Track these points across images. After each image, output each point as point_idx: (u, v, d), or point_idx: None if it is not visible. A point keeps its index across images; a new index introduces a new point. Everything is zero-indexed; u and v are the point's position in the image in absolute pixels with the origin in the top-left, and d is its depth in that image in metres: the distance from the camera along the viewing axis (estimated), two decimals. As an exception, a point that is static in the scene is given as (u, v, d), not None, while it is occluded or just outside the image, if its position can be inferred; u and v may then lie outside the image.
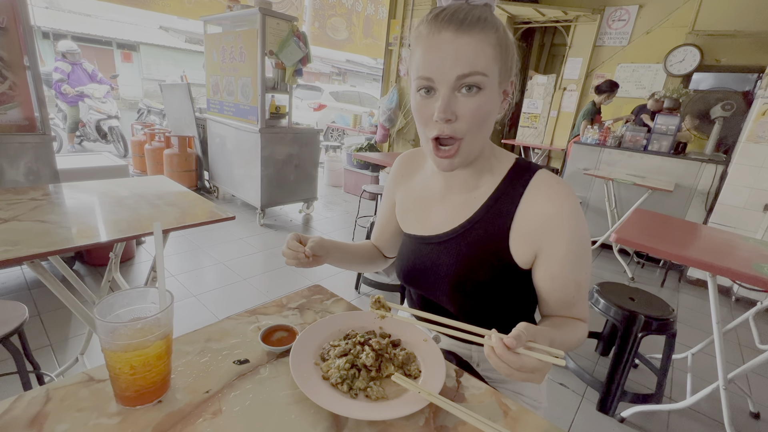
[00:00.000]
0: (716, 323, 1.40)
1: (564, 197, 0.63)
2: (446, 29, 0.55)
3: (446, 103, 0.57)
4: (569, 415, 1.61)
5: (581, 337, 0.65)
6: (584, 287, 0.66)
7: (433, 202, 0.75)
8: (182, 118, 4.18)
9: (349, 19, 5.58)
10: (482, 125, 0.60)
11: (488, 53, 0.56)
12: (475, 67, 0.55)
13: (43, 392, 0.51)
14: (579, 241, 0.63)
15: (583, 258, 0.64)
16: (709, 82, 4.66)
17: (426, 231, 0.75)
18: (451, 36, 0.55)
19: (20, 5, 1.80)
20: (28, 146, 1.95)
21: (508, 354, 0.47)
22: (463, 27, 0.55)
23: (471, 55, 0.55)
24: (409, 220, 0.79)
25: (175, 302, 0.54)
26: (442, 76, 0.56)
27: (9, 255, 0.85)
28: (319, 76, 16.73)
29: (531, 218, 0.63)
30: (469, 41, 0.55)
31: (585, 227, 0.64)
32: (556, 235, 0.62)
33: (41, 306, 1.95)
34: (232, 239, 3.08)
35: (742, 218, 2.80)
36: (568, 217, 0.62)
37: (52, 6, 12.37)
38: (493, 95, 0.59)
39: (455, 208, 0.71)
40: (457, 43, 0.55)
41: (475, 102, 0.57)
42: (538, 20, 5.15)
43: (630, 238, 1.39)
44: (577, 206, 0.63)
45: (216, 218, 1.22)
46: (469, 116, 0.58)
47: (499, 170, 0.68)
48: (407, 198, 0.81)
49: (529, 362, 0.47)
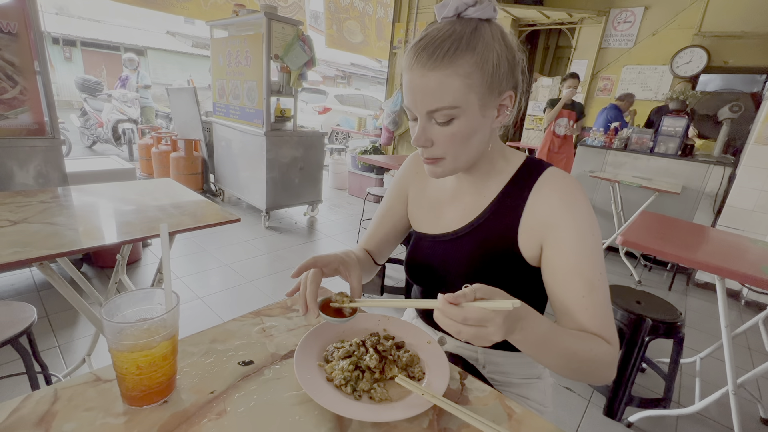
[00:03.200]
0: (725, 327, 1.38)
1: (571, 190, 0.62)
2: (417, 64, 0.56)
3: (420, 132, 0.60)
4: (575, 419, 1.60)
5: (600, 354, 0.55)
6: (599, 292, 0.59)
7: (445, 201, 0.76)
8: (188, 121, 4.22)
9: (362, 22, 5.62)
10: (463, 145, 0.61)
11: (456, 85, 0.55)
12: (442, 103, 0.56)
13: (51, 392, 0.51)
14: (584, 234, 0.60)
15: (590, 254, 0.60)
16: (716, 84, 4.62)
17: (438, 229, 0.75)
18: (419, 73, 0.56)
19: (31, 11, 1.84)
20: (37, 150, 1.98)
21: (450, 308, 0.45)
22: (430, 64, 0.55)
23: (436, 91, 0.56)
24: (421, 218, 0.80)
25: (180, 304, 0.54)
26: (416, 109, 0.59)
27: (18, 256, 0.87)
28: (324, 79, 16.83)
29: (538, 211, 0.63)
30: (434, 78, 0.55)
31: (593, 223, 0.62)
32: (559, 226, 0.61)
33: (49, 307, 1.97)
34: (238, 241, 3.10)
35: (750, 221, 2.76)
36: (574, 209, 0.61)
37: (62, 12, 12.58)
38: (472, 119, 0.58)
39: (465, 207, 0.72)
40: (423, 81, 0.56)
41: (449, 130, 0.59)
42: (543, 22, 5.14)
43: (637, 241, 1.38)
44: (586, 201, 0.62)
45: (221, 221, 1.23)
46: (445, 143, 0.60)
47: (507, 170, 0.69)
48: (420, 197, 0.81)
49: (473, 313, 0.44)
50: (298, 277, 0.61)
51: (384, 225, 0.85)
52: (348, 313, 0.60)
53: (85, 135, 6.33)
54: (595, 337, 0.57)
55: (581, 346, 0.54)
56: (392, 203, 0.85)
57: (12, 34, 1.82)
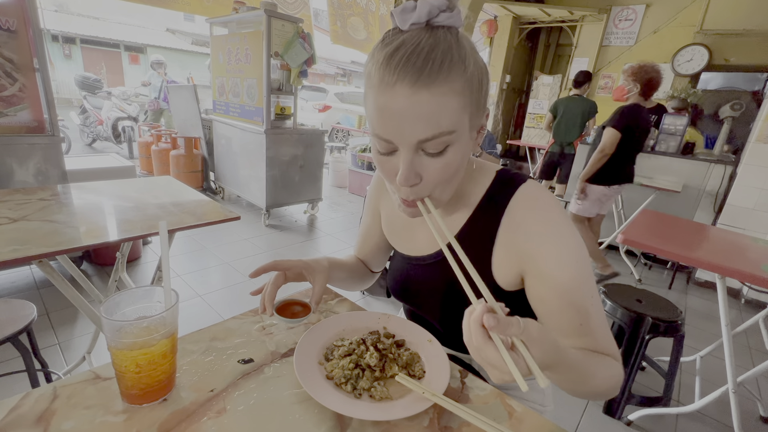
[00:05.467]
0: (725, 326, 1.38)
1: (547, 211, 0.56)
2: (401, 82, 0.44)
3: (407, 168, 0.49)
4: (575, 417, 1.60)
5: (613, 375, 0.53)
6: (593, 315, 0.55)
7: (415, 223, 0.71)
8: (188, 119, 4.22)
9: (365, 18, 5.59)
10: (452, 178, 0.53)
11: (454, 105, 0.46)
12: (440, 128, 0.46)
13: (51, 390, 0.51)
14: (570, 260, 0.54)
15: (580, 279, 0.54)
16: (717, 82, 4.61)
17: (412, 251, 0.72)
18: (407, 92, 0.44)
19: (30, 9, 1.83)
20: (37, 147, 1.98)
21: (477, 327, 0.39)
22: (422, 79, 0.44)
23: (434, 114, 0.45)
24: (396, 237, 0.77)
25: (180, 302, 0.54)
26: (401, 139, 0.47)
27: (18, 254, 0.86)
28: (324, 77, 16.80)
29: (513, 239, 0.57)
30: (429, 98, 0.44)
31: (577, 244, 0.55)
32: (541, 256, 0.55)
33: (49, 305, 1.97)
34: (238, 239, 3.10)
35: (751, 219, 2.76)
36: (554, 234, 0.55)
37: (61, 9, 12.55)
38: (464, 144, 0.51)
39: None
40: (414, 101, 0.44)
41: (442, 161, 0.49)
42: (544, 20, 5.13)
43: (637, 239, 1.38)
44: (565, 220, 0.56)
45: (221, 218, 1.23)
46: (436, 177, 0.51)
47: (476, 192, 0.62)
48: (392, 215, 0.76)
49: (491, 355, 0.38)
50: (256, 277, 0.64)
51: (368, 241, 0.84)
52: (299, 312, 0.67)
53: (85, 133, 6.33)
54: (607, 359, 0.55)
55: (602, 373, 0.52)
56: (369, 223, 0.82)
57: (11, 30, 1.81)
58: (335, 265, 0.75)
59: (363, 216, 0.84)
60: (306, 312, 0.67)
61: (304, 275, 0.68)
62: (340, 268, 0.77)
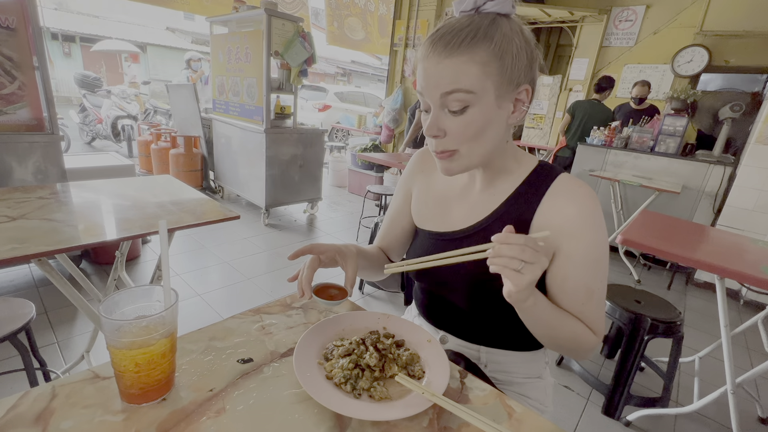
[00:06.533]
0: (724, 327, 1.38)
1: (587, 199, 0.62)
2: (432, 53, 0.57)
3: (433, 121, 0.60)
4: (574, 418, 1.60)
5: (580, 336, 0.62)
6: (597, 297, 0.63)
7: (452, 198, 0.75)
8: (188, 118, 4.21)
9: (363, 18, 5.59)
10: (477, 138, 0.60)
11: (473, 71, 0.55)
12: (457, 85, 0.56)
13: (49, 389, 0.51)
14: (597, 246, 0.61)
15: (598, 265, 0.62)
16: (717, 83, 4.61)
17: (443, 227, 0.74)
18: (436, 60, 0.57)
19: (30, 6, 1.83)
20: (36, 146, 1.97)
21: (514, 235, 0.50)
22: (446, 51, 0.56)
23: (452, 75, 0.56)
24: (426, 215, 0.79)
25: (179, 301, 0.54)
26: (429, 95, 0.59)
27: (17, 253, 0.86)
28: (324, 76, 16.78)
29: (551, 218, 0.63)
30: (449, 64, 0.56)
31: (605, 234, 0.62)
32: (575, 236, 0.61)
33: (48, 304, 1.97)
34: (237, 239, 3.09)
35: (750, 221, 2.76)
36: (590, 220, 0.61)
37: (61, 7, 12.53)
38: (487, 109, 0.58)
39: (475, 206, 0.71)
40: (440, 67, 0.57)
41: (463, 120, 0.58)
42: (544, 21, 5.12)
43: (636, 240, 1.38)
44: (599, 211, 0.62)
45: (221, 218, 1.22)
46: (458, 133, 0.59)
47: (519, 172, 0.68)
48: (425, 194, 0.80)
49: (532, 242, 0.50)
50: (294, 259, 0.67)
51: (394, 227, 0.86)
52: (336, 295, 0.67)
53: (84, 131, 6.33)
54: (582, 325, 0.63)
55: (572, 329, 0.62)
56: (399, 205, 0.85)
57: (10, 29, 1.80)
58: (361, 252, 0.77)
59: (392, 200, 0.87)
60: (343, 295, 0.66)
61: (337, 260, 0.69)
62: (364, 257, 0.78)
